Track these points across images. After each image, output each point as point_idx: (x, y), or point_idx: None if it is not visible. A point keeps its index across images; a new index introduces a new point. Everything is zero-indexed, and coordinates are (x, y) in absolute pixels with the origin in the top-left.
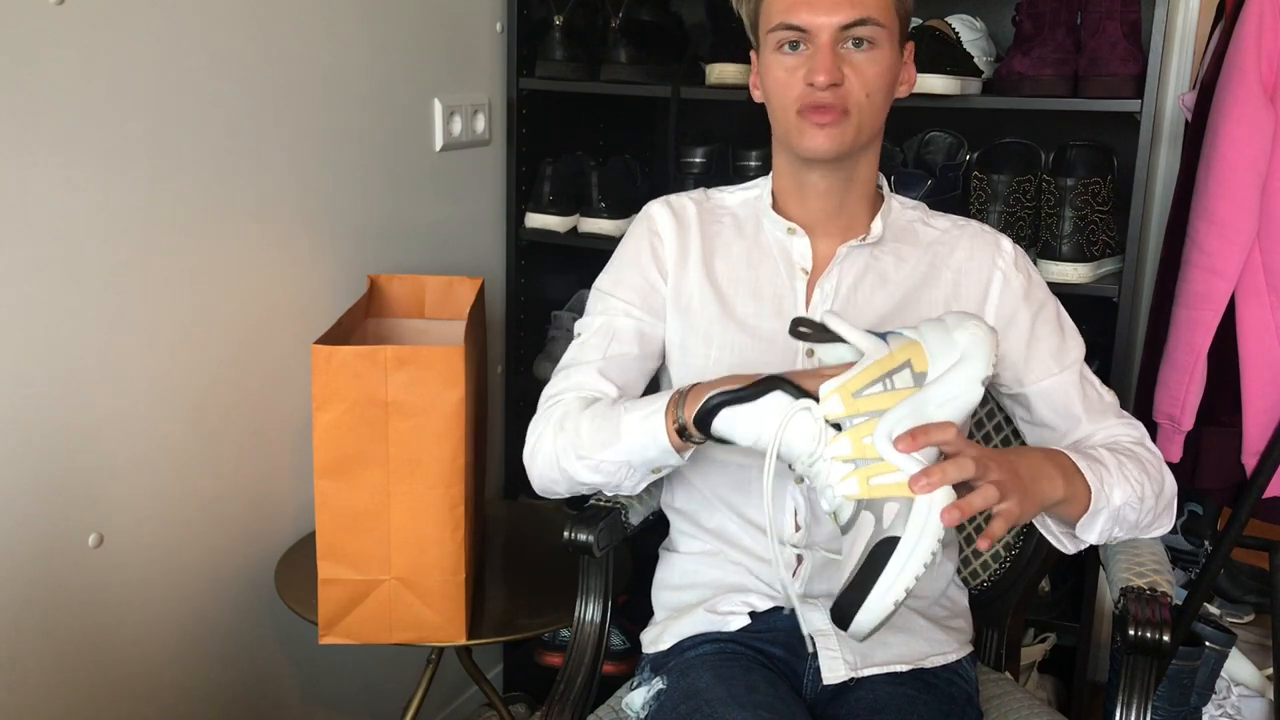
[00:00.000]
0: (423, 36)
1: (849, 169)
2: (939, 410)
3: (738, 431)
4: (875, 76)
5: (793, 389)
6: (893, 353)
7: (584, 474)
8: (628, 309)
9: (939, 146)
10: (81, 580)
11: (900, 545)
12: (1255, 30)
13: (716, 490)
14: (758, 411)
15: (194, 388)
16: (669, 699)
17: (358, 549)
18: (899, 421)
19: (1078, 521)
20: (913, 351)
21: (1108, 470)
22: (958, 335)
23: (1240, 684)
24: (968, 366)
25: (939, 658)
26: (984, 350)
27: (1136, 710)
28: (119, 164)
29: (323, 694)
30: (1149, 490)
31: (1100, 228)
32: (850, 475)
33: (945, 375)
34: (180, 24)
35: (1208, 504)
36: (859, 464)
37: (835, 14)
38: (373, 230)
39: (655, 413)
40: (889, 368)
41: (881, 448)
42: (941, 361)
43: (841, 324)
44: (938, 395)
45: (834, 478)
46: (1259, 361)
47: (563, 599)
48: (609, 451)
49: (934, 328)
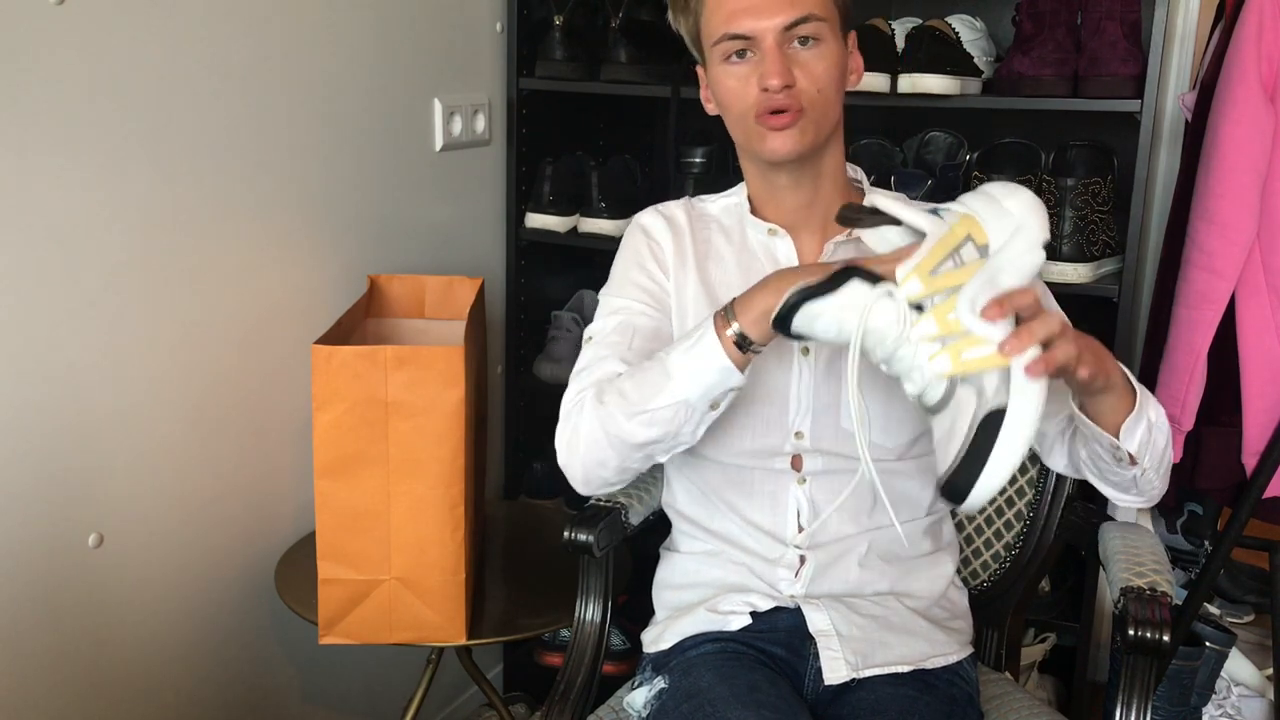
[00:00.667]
0: (423, 36)
1: (815, 165)
2: (1010, 279)
3: (819, 325)
4: (824, 71)
5: (868, 274)
6: (952, 228)
7: (639, 432)
8: (643, 308)
9: (939, 146)
10: (81, 580)
11: (1009, 414)
12: (1255, 30)
13: (718, 491)
14: (839, 301)
15: (194, 388)
16: (671, 698)
17: (358, 549)
18: (978, 293)
19: (1123, 423)
20: (970, 225)
21: (1143, 390)
22: (1009, 204)
23: (1240, 684)
24: (1026, 233)
25: (940, 659)
26: (1037, 215)
27: (1136, 710)
28: (119, 164)
29: (323, 694)
30: (1168, 429)
31: (1100, 228)
32: (940, 353)
33: (1008, 244)
34: (180, 24)
35: (1208, 504)
36: (946, 340)
37: (776, 16)
38: (373, 230)
39: (703, 337)
40: (953, 244)
41: (968, 321)
42: (999, 231)
43: (894, 204)
44: (1005, 263)
45: (921, 358)
46: (1259, 361)
47: (563, 599)
48: (662, 396)
49: (981, 199)
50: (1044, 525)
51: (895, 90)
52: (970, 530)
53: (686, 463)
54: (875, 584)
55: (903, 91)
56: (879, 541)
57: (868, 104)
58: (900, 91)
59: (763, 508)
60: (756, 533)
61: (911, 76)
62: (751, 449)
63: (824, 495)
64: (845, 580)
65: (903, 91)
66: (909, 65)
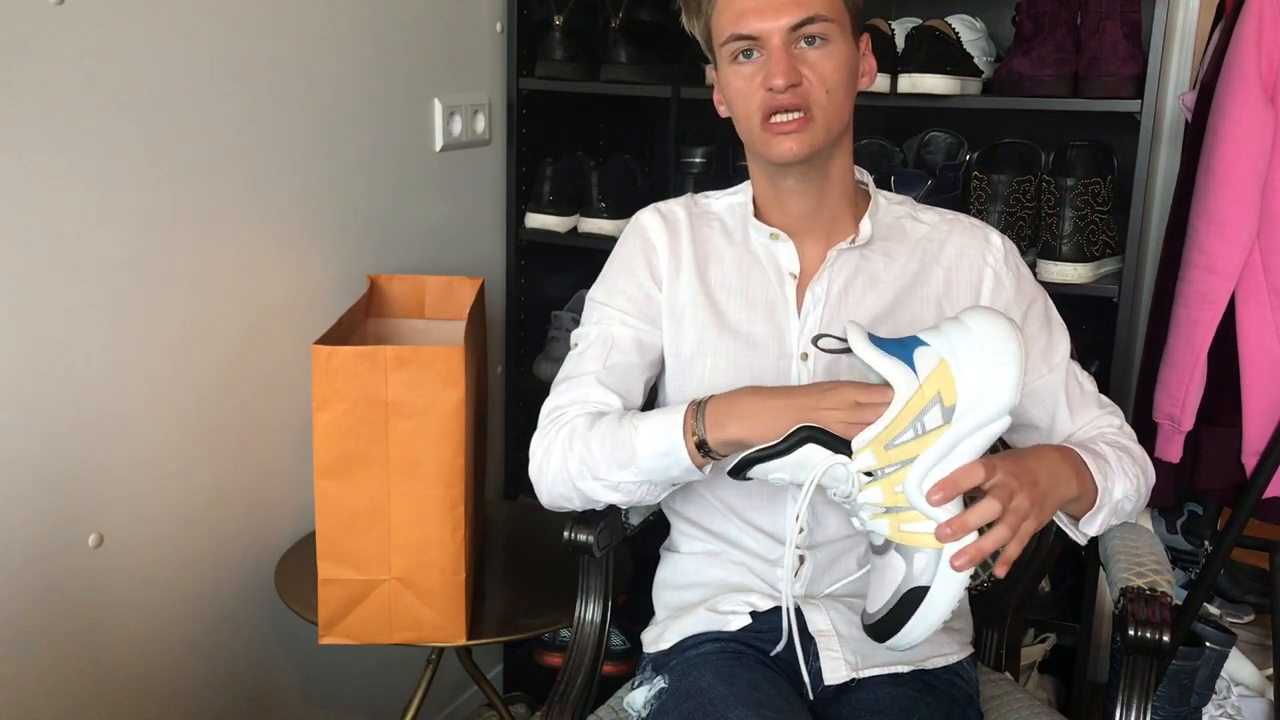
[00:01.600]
0: (423, 36)
1: (823, 168)
2: (966, 453)
3: (773, 476)
4: (832, 72)
5: (827, 439)
6: (922, 387)
7: (603, 494)
8: (624, 318)
9: (939, 147)
10: (81, 580)
11: (929, 595)
12: (1255, 30)
13: (719, 494)
14: (794, 460)
15: (194, 388)
16: (670, 698)
17: (358, 549)
18: (929, 470)
19: (1083, 516)
20: (941, 380)
21: (1109, 466)
22: (987, 357)
23: (1240, 684)
24: (995, 398)
25: (940, 659)
26: (1012, 372)
27: (1136, 710)
28: (119, 164)
29: (323, 694)
30: (1142, 482)
31: (1100, 228)
32: (882, 518)
33: (974, 409)
34: (180, 24)
35: (1208, 504)
36: (890, 510)
37: (782, 16)
38: (373, 230)
39: (670, 431)
40: (919, 408)
41: (912, 498)
42: (971, 392)
43: (867, 349)
44: (965, 432)
45: (866, 514)
46: (1259, 361)
47: (563, 599)
48: (626, 473)
49: (961, 341)
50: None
51: (895, 90)
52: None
53: None
54: None
55: (903, 91)
56: None
57: (868, 104)
58: (900, 91)
59: (761, 509)
60: (755, 533)
61: (911, 76)
62: None
63: (822, 495)
64: (845, 580)
65: (903, 91)
66: (909, 65)
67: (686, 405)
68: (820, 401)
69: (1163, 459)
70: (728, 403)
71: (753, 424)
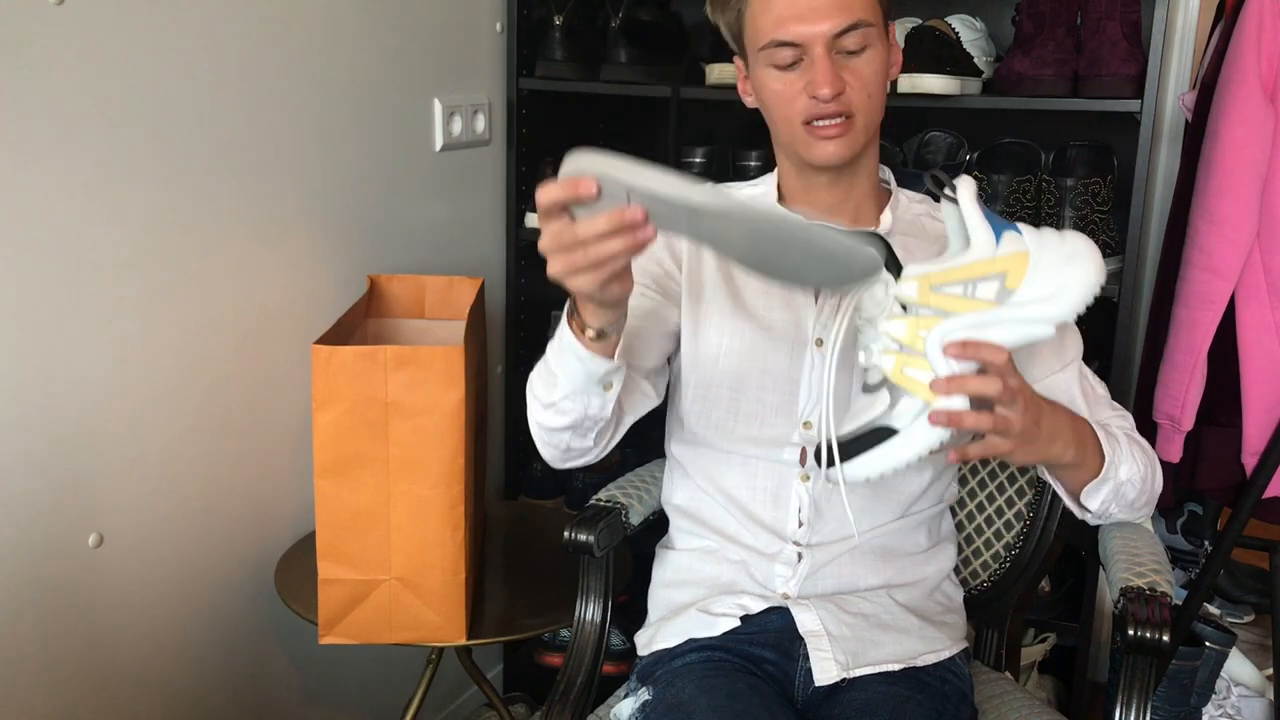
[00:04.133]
0: (423, 37)
1: (854, 166)
2: (1002, 332)
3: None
4: (873, 76)
5: (888, 252)
6: (995, 258)
7: (554, 419)
8: (642, 289)
9: (939, 147)
10: (81, 580)
11: (892, 440)
12: (1255, 30)
13: (721, 485)
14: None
15: (194, 388)
16: (653, 711)
17: (358, 549)
18: (957, 330)
19: (1084, 487)
20: (1014, 264)
21: (1119, 446)
22: (1067, 270)
23: (1240, 684)
24: (1053, 305)
25: (931, 655)
26: (1081, 295)
27: (1136, 710)
28: (119, 164)
29: (323, 694)
30: (1149, 474)
31: (1100, 228)
32: (891, 353)
33: (1028, 304)
34: (180, 24)
35: (1208, 504)
36: (904, 349)
37: (825, 22)
38: (373, 230)
39: (561, 332)
40: (980, 273)
41: (930, 345)
42: (1035, 287)
43: (968, 200)
44: (1009, 318)
45: (877, 346)
46: (1259, 361)
47: (563, 599)
48: (557, 391)
49: (1052, 249)
50: (1044, 525)
51: (895, 90)
52: (970, 530)
53: (691, 454)
54: (868, 579)
55: (903, 91)
56: (876, 536)
57: None
58: (900, 91)
59: (764, 502)
60: (756, 528)
61: (911, 76)
62: (758, 436)
63: (826, 491)
64: (839, 576)
65: (903, 91)
66: (909, 65)
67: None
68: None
69: (1163, 459)
70: None
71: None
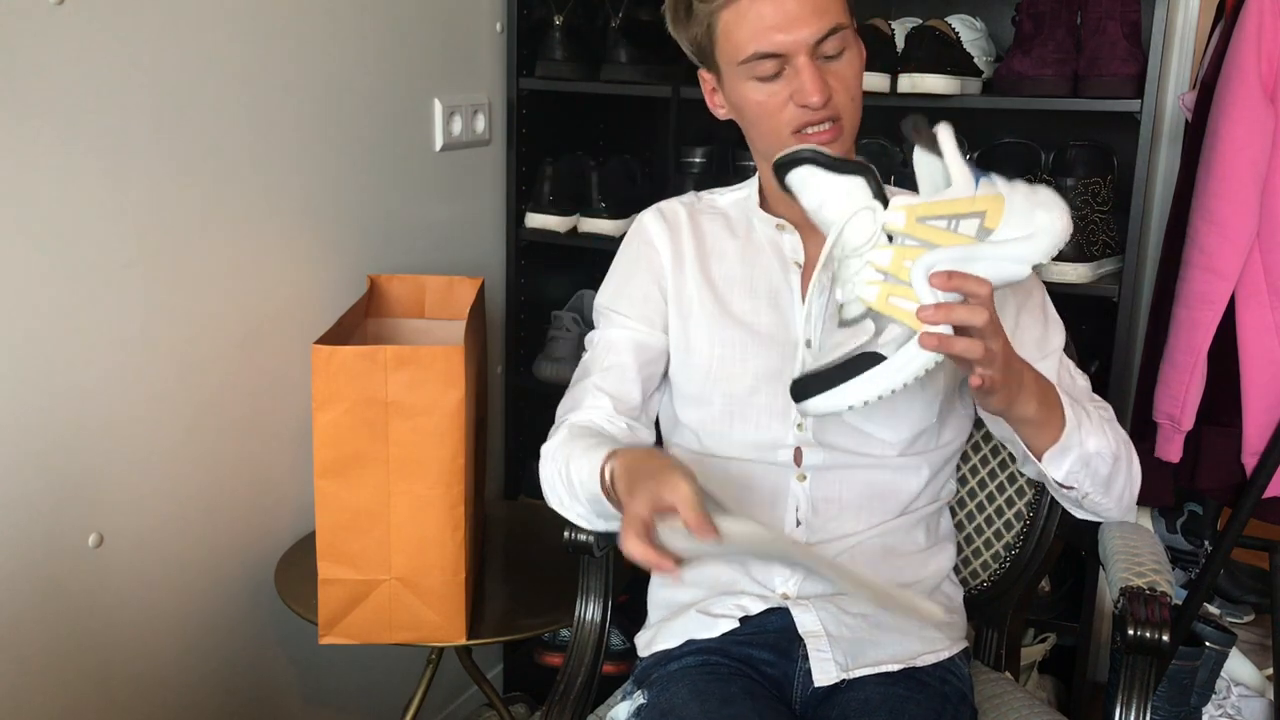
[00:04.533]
0: (423, 36)
1: None
2: (984, 268)
3: (807, 191)
4: (854, 77)
5: (876, 184)
6: (974, 197)
7: (572, 518)
8: (624, 320)
9: None
10: (81, 580)
11: (881, 365)
12: (1255, 30)
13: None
14: (835, 185)
15: (194, 388)
16: (648, 715)
17: (358, 549)
18: (943, 262)
19: (1046, 451)
20: (992, 205)
21: (1089, 417)
22: (1039, 215)
23: (1240, 684)
24: (1029, 245)
25: (931, 655)
26: (1052, 241)
27: (1136, 710)
28: (119, 164)
29: (323, 694)
30: (1124, 454)
31: (1100, 228)
32: (876, 283)
33: (1007, 243)
34: (180, 24)
35: (1208, 504)
36: (889, 278)
37: (805, 29)
38: (373, 230)
39: (592, 479)
40: (962, 210)
41: (916, 275)
42: (1011, 228)
43: (950, 144)
44: (991, 256)
45: (861, 278)
46: (1259, 361)
47: (563, 599)
48: (574, 505)
49: (1023, 195)
50: (1044, 525)
51: (895, 90)
52: (970, 530)
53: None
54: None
55: (903, 91)
56: (875, 536)
57: (868, 104)
58: (900, 91)
59: (761, 503)
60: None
61: (911, 76)
62: (754, 440)
63: (823, 492)
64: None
65: (903, 91)
66: (909, 65)
67: (604, 458)
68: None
69: (1163, 459)
70: (628, 480)
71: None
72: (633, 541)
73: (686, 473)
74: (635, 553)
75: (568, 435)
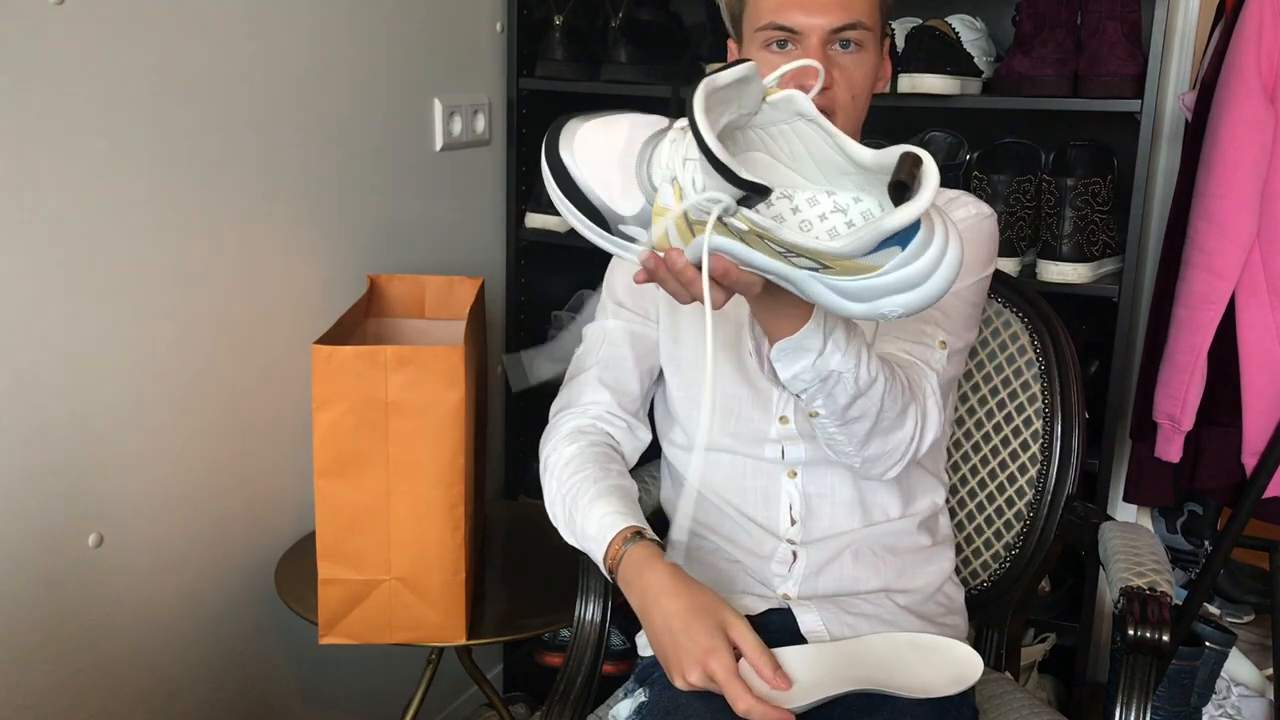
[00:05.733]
0: (423, 36)
1: None
2: (781, 280)
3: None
4: (861, 79)
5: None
6: (856, 261)
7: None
8: (617, 310)
9: (939, 146)
10: (81, 580)
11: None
12: (1255, 30)
13: (714, 486)
14: (735, 79)
15: (194, 387)
16: (650, 713)
17: (358, 549)
18: (740, 257)
19: (779, 341)
20: (858, 271)
21: (850, 337)
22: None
23: (1240, 684)
24: (865, 307)
25: None
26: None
27: (1136, 710)
28: (118, 164)
29: (323, 694)
30: (888, 392)
31: (1100, 228)
32: (669, 205)
33: (828, 290)
34: (180, 24)
35: (1208, 504)
36: (689, 213)
37: (826, 15)
38: (373, 230)
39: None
40: (824, 262)
41: (702, 244)
42: (845, 291)
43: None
44: (794, 278)
45: (668, 185)
46: (1259, 361)
47: (563, 599)
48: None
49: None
50: (1044, 525)
51: (895, 90)
52: (970, 530)
53: (683, 456)
54: (868, 581)
55: (903, 91)
56: (874, 537)
57: None
58: (900, 91)
59: (756, 502)
60: (750, 525)
61: (911, 76)
62: (739, 432)
63: (815, 488)
64: (839, 577)
65: (903, 91)
66: (909, 65)
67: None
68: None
69: (1163, 459)
70: (640, 591)
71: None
72: (748, 702)
73: (738, 617)
74: (765, 715)
75: (574, 454)
